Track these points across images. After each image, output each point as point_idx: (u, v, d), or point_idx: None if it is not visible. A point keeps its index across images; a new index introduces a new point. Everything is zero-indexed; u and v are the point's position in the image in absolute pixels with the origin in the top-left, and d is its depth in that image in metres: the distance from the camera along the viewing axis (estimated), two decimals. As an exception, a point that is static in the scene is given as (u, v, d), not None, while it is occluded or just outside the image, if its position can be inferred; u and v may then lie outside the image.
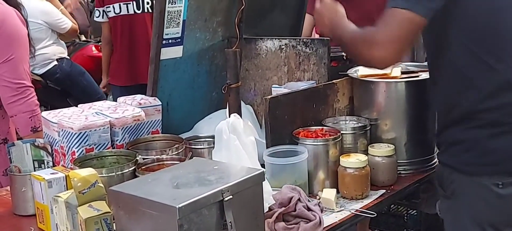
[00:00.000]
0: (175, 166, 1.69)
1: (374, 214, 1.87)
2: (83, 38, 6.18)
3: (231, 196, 1.42)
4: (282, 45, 2.50)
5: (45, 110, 2.47)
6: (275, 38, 2.54)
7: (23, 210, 1.91)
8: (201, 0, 2.46)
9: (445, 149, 1.76)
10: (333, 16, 1.82)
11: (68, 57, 5.05)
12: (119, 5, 3.99)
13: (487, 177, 1.65)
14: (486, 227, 1.68)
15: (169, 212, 1.33)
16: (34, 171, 1.97)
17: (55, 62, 4.79)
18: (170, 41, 2.39)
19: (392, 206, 3.44)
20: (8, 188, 2.05)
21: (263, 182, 1.56)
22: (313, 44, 2.40)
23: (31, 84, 2.39)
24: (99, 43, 5.80)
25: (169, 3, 2.30)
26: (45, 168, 1.99)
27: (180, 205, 1.31)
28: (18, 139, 2.35)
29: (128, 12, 4.00)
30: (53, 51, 4.78)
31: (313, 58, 2.41)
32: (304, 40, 2.44)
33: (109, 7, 4.01)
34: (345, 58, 2.50)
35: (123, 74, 4.12)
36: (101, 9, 4.07)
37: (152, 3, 4.00)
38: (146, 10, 4.03)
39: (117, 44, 4.13)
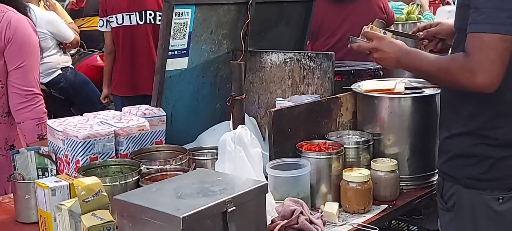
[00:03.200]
0: (179, 176, 1.70)
1: (376, 229, 1.87)
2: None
3: (234, 207, 1.43)
4: (287, 58, 2.52)
5: (48, 119, 2.49)
6: (280, 52, 2.56)
7: (26, 218, 1.92)
8: (207, 13, 2.48)
9: (449, 158, 1.77)
10: (397, 48, 1.82)
11: (72, 66, 5.08)
12: (122, 15, 4.02)
13: (489, 191, 1.68)
14: None
15: (173, 222, 1.33)
16: (38, 178, 1.98)
17: (60, 71, 4.83)
18: (175, 52, 2.40)
19: (393, 222, 3.44)
20: (12, 195, 2.06)
21: (266, 194, 1.57)
22: (317, 58, 2.42)
23: (40, 92, 2.41)
24: (103, 53, 5.86)
25: (176, 15, 2.32)
26: (48, 176, 2.00)
27: (184, 215, 1.32)
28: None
29: (130, 23, 4.03)
30: (57, 60, 4.82)
31: (317, 72, 2.42)
32: (309, 54, 2.46)
33: (112, 17, 4.04)
34: (351, 72, 2.52)
35: (124, 84, 4.14)
36: (104, 19, 4.10)
37: (154, 14, 4.04)
38: (148, 22, 4.06)
39: (119, 55, 4.15)
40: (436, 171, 2.23)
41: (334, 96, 2.32)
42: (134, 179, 1.80)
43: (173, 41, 2.37)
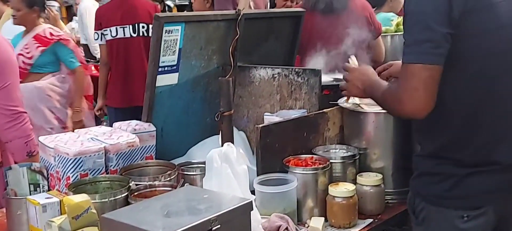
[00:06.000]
0: (167, 193, 1.73)
1: (360, 243, 1.92)
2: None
3: (219, 226, 1.47)
4: (275, 74, 2.57)
5: None
6: (268, 67, 2.60)
7: (18, 233, 1.96)
8: (197, 30, 2.53)
9: (418, 175, 1.84)
10: (365, 79, 1.99)
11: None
12: (116, 28, 4.09)
13: (454, 209, 1.73)
14: None
15: (158, 240, 1.37)
16: (30, 194, 2.02)
17: None
18: (166, 68, 2.45)
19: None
20: (4, 210, 2.09)
21: (252, 211, 1.61)
22: (304, 74, 2.47)
23: (24, 110, 2.42)
24: (98, 63, 5.91)
25: (165, 32, 2.36)
26: (40, 192, 2.04)
27: (168, 234, 1.36)
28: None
29: (124, 35, 4.09)
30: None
31: (305, 87, 2.47)
32: (296, 69, 2.51)
33: (107, 30, 4.11)
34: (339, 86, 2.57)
35: (118, 96, 4.19)
36: (99, 31, 4.16)
37: (147, 27, 4.10)
38: (141, 34, 4.13)
39: (113, 66, 4.22)
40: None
41: (321, 111, 2.36)
42: (123, 195, 1.84)
43: (163, 58, 2.41)
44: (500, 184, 1.73)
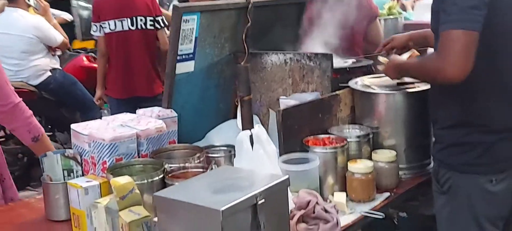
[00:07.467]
0: (206, 173, 1.85)
1: (382, 215, 2.05)
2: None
3: (263, 200, 1.59)
4: (287, 59, 2.68)
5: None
6: (280, 53, 2.72)
7: (56, 216, 2.05)
8: (211, 19, 2.62)
9: (444, 148, 1.98)
10: (397, 66, 2.23)
11: (60, 68, 5.17)
12: (114, 22, 4.15)
13: (483, 175, 1.90)
14: (481, 220, 1.93)
15: (212, 214, 1.48)
16: (64, 179, 2.11)
17: (49, 73, 4.92)
18: (183, 56, 2.54)
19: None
20: (37, 196, 2.18)
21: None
22: (316, 58, 2.59)
23: (19, 98, 2.35)
24: (89, 54, 5.95)
25: (183, 22, 2.46)
26: (74, 177, 2.13)
27: (223, 208, 1.47)
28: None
29: (123, 28, 4.15)
30: (45, 63, 4.91)
31: (317, 71, 2.59)
32: (308, 54, 2.62)
33: (105, 23, 4.17)
34: (347, 70, 2.71)
35: (119, 87, 4.28)
36: (97, 24, 4.22)
37: (145, 20, 4.17)
38: (139, 27, 4.19)
39: (113, 59, 4.28)
40: (431, 159, 2.44)
41: (334, 93, 2.49)
42: (160, 177, 1.95)
43: (181, 46, 2.51)
44: None
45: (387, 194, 2.22)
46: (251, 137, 2.04)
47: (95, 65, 5.12)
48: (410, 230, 3.54)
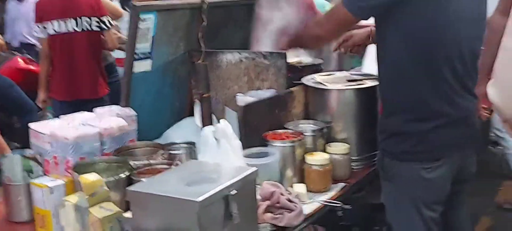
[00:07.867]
0: (175, 168, 1.89)
1: (340, 203, 2.17)
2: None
3: (235, 191, 1.65)
4: (242, 57, 2.76)
5: None
6: (235, 51, 2.78)
7: (19, 217, 2.03)
8: (166, 18, 2.66)
9: (387, 137, 2.13)
10: (297, 39, 2.51)
11: (-5, 70, 5.00)
12: (58, 22, 4.06)
13: (419, 162, 2.05)
14: (420, 205, 2.09)
15: (189, 206, 1.53)
16: (24, 180, 2.08)
17: None
18: (140, 55, 2.56)
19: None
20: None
21: (254, 179, 1.80)
22: (271, 57, 2.68)
23: None
24: (24, 55, 5.77)
25: (140, 21, 2.48)
26: (34, 178, 2.10)
27: (200, 199, 1.53)
28: None
29: (67, 29, 4.07)
30: (-22, 67, 4.74)
31: (272, 69, 2.68)
32: (263, 53, 2.71)
33: (48, 23, 4.07)
34: (298, 68, 2.81)
35: (63, 89, 4.19)
36: (40, 25, 4.11)
37: (90, 21, 4.11)
38: (84, 28, 4.12)
39: (57, 61, 4.19)
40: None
41: (289, 90, 2.58)
42: (126, 174, 1.97)
43: (138, 45, 2.53)
44: (454, 139, 2.06)
45: (342, 184, 2.33)
46: (213, 132, 2.09)
47: (32, 67, 4.98)
48: (354, 219, 3.71)
